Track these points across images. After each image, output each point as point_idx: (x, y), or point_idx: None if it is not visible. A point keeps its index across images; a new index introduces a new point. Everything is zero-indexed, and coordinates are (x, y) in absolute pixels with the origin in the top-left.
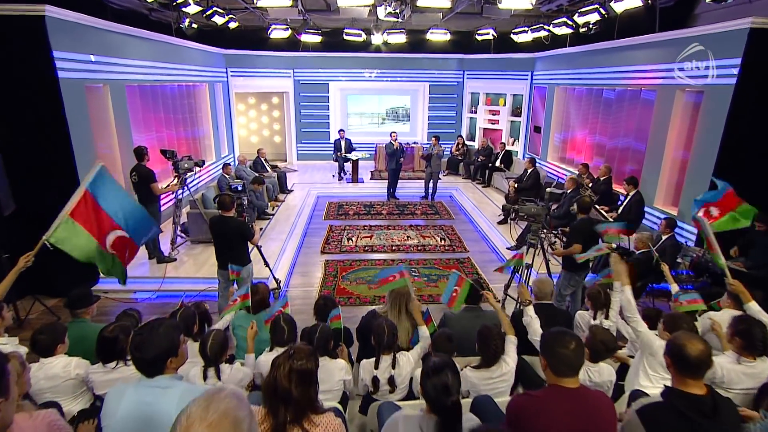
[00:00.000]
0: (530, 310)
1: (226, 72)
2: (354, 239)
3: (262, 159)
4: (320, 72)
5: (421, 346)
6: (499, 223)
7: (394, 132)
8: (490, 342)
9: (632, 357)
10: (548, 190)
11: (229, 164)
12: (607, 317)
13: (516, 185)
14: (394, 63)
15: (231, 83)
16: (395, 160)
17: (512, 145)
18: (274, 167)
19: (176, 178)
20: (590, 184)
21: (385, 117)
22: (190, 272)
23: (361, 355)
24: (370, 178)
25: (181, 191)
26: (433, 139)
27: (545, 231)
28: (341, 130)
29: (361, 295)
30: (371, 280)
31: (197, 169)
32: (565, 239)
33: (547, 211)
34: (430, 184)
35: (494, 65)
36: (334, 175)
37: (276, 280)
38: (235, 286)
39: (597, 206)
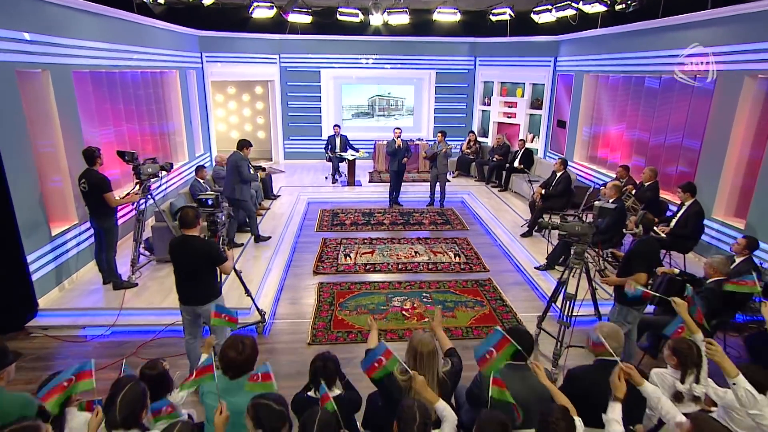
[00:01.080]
0: (649, 389)
1: (201, 57)
2: (352, 256)
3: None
4: (310, 58)
5: None
6: (523, 235)
7: (398, 128)
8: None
9: None
10: (598, 204)
11: (204, 166)
12: (698, 381)
13: (542, 191)
14: (395, 48)
15: (206, 70)
16: (398, 161)
17: (531, 142)
18: (257, 168)
19: (137, 186)
20: (633, 191)
21: (370, 109)
22: (154, 300)
23: None
24: (369, 181)
25: (143, 201)
26: (439, 135)
27: (593, 254)
28: (336, 125)
29: (363, 328)
30: (375, 309)
31: (163, 174)
32: (613, 260)
33: (594, 230)
34: (437, 188)
35: (511, 50)
36: (327, 177)
37: (260, 311)
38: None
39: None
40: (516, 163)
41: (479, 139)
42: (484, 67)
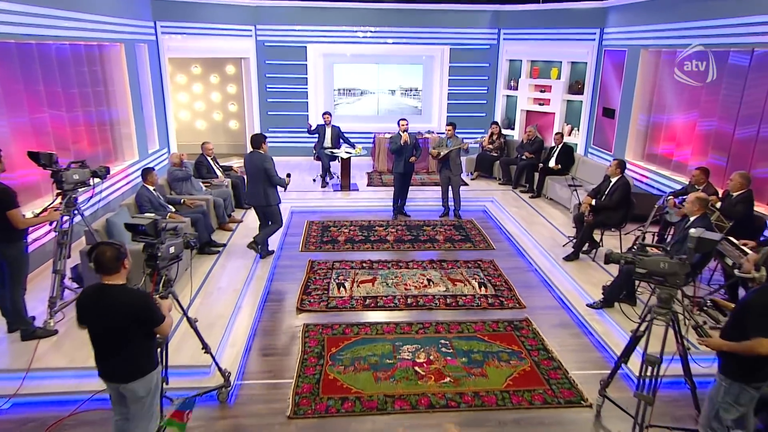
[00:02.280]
0: None
1: (155, 27)
2: (347, 285)
3: (208, 158)
4: (294, 30)
5: None
6: (567, 258)
7: (404, 119)
8: None
9: None
10: (695, 232)
11: (152, 169)
12: None
13: (592, 201)
14: (399, 18)
15: (162, 44)
16: (404, 160)
17: (569, 135)
18: (227, 170)
19: (59, 198)
20: (717, 203)
21: (338, 93)
22: (77, 357)
23: None
24: (368, 184)
25: (67, 219)
26: (448, 128)
27: (687, 302)
28: (326, 113)
29: (363, 394)
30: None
31: (96, 181)
32: (713, 309)
33: (688, 269)
34: (450, 194)
35: (544, 20)
36: (315, 180)
37: (222, 372)
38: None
39: (731, 239)
40: (552, 163)
41: (504, 131)
42: (510, 42)
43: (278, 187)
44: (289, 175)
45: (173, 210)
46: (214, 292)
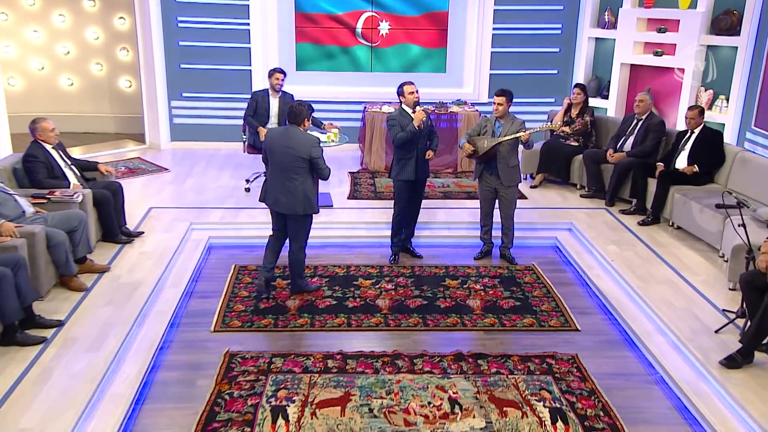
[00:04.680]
0: None
1: None
2: (293, 413)
3: (47, 149)
4: None
5: None
6: (730, 363)
7: (411, 83)
8: None
9: None
10: None
11: None
12: None
13: None
14: None
15: None
16: (415, 157)
17: (708, 107)
18: (86, 171)
19: None
20: None
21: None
22: None
23: None
24: (350, 196)
25: None
26: (499, 100)
27: None
28: (276, 70)
29: None
30: None
31: None
32: None
33: None
34: (496, 215)
35: None
36: (249, 188)
37: None
38: None
39: None
40: (681, 161)
41: (592, 102)
42: None
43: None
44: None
45: None
46: None
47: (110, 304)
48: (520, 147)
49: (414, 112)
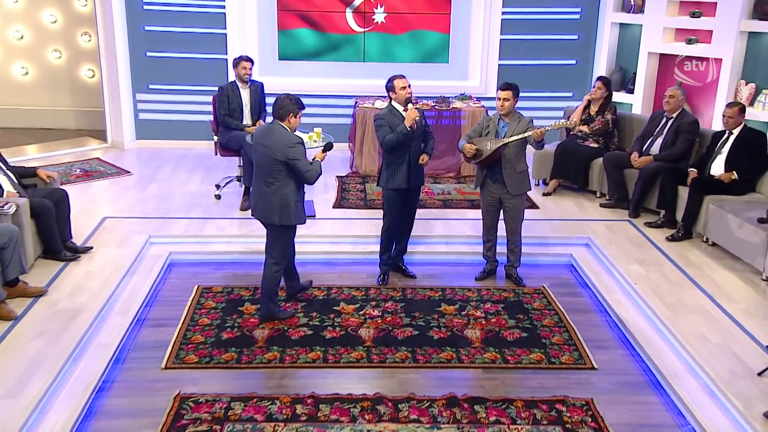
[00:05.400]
0: None
1: None
2: None
3: None
4: None
5: None
6: None
7: (402, 77)
8: None
9: None
10: None
11: None
12: None
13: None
14: None
15: None
16: (407, 162)
17: (750, 103)
18: (24, 178)
19: None
20: None
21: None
22: None
23: None
24: (336, 205)
25: None
26: (504, 95)
27: None
28: (243, 58)
29: None
30: None
31: None
32: None
33: None
34: (500, 228)
35: None
36: (219, 194)
37: None
38: None
39: None
40: (717, 167)
41: (616, 98)
42: None
43: (303, 187)
44: (329, 146)
45: None
46: None
47: (42, 336)
48: (529, 149)
49: (406, 110)
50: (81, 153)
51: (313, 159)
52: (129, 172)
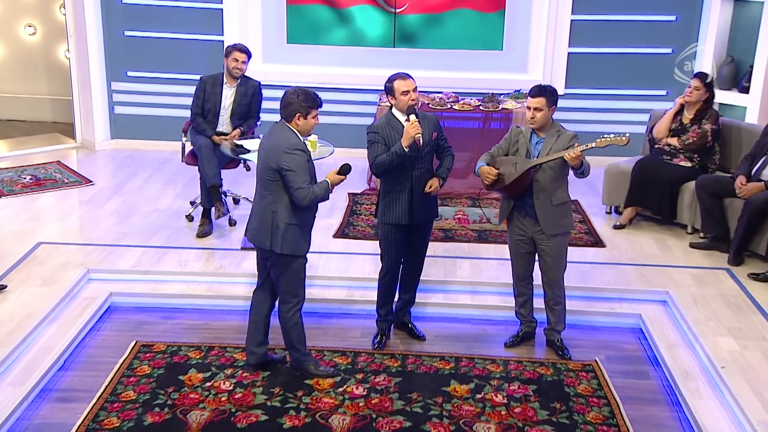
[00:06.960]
0: None
1: None
2: None
3: None
4: None
5: None
6: None
7: (407, 77)
8: None
9: None
10: None
11: None
12: None
13: None
14: None
15: None
16: (408, 190)
17: None
18: None
19: None
20: None
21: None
22: None
23: None
24: (338, 233)
25: None
26: (536, 102)
27: None
28: (235, 47)
29: None
30: None
31: None
32: None
33: None
34: (537, 276)
35: None
36: (191, 215)
37: None
38: None
39: None
40: None
41: (726, 98)
42: None
43: (305, 208)
44: (346, 168)
45: None
46: None
47: None
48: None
49: (408, 120)
50: (43, 154)
51: (324, 180)
52: (91, 181)
